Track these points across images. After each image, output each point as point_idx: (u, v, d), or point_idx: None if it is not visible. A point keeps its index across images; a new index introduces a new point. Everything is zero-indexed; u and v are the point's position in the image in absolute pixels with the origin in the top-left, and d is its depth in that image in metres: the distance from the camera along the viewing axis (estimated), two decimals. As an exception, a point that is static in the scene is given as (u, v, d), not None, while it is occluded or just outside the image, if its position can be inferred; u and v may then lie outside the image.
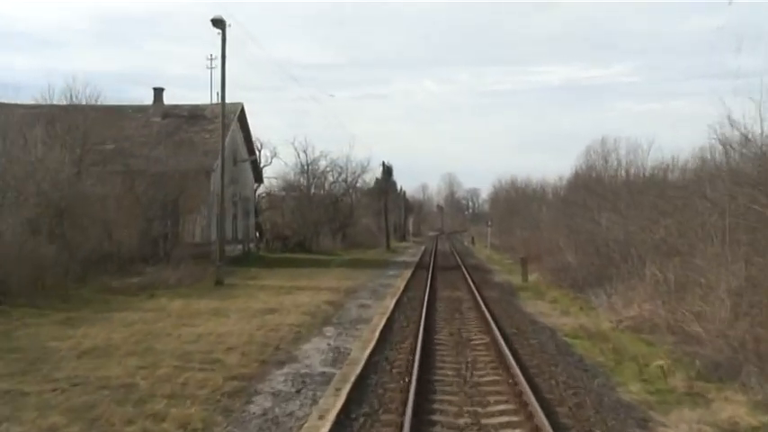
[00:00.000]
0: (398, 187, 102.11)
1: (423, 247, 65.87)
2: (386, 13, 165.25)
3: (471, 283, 26.31)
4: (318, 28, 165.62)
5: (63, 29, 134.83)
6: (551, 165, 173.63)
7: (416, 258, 45.63)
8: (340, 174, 57.48)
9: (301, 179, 53.54)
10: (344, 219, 57.36)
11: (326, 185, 55.75)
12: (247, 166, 42.67)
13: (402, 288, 24.59)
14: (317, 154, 54.72)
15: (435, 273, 32.81)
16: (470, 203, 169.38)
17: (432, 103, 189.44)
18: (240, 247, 40.51)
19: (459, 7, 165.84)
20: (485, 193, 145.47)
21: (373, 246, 61.06)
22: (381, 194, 66.92)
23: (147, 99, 41.60)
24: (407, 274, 31.72)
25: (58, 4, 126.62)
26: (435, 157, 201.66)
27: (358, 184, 61.44)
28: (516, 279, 30.53)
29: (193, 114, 38.38)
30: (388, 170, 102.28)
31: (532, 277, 30.21)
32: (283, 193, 53.26)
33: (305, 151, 54.24)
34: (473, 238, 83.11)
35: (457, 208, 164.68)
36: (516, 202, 67.45)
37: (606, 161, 53.06)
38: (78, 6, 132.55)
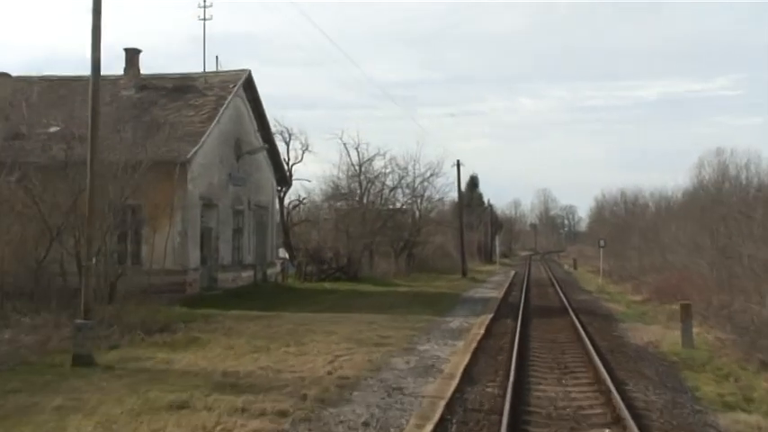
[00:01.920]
0: (485, 201, 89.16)
1: (512, 273, 52.26)
2: (478, 30, 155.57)
3: (596, 357, 13.66)
4: (412, 45, 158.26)
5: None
6: (652, 180, 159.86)
7: (500, 293, 32.07)
8: (402, 178, 43.71)
9: (352, 184, 40.22)
10: (410, 236, 44.46)
11: (385, 192, 41.92)
12: (262, 163, 30.85)
13: (459, 375, 12.07)
14: (371, 153, 41.09)
15: (527, 324, 20.10)
16: (566, 221, 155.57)
17: (526, 119, 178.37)
18: (249, 274, 28.87)
19: (554, 23, 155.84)
20: (581, 211, 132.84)
21: (449, 271, 47.98)
22: (461, 209, 53.25)
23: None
24: (479, 327, 19.05)
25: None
26: (529, 174, 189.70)
27: (428, 193, 47.18)
28: (665, 337, 17.95)
29: (180, 86, 27.22)
30: (473, 182, 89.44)
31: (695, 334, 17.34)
32: (325, 203, 40.28)
33: (357, 148, 40.62)
34: (575, 262, 69.06)
35: (552, 226, 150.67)
36: (633, 219, 54.44)
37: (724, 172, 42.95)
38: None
